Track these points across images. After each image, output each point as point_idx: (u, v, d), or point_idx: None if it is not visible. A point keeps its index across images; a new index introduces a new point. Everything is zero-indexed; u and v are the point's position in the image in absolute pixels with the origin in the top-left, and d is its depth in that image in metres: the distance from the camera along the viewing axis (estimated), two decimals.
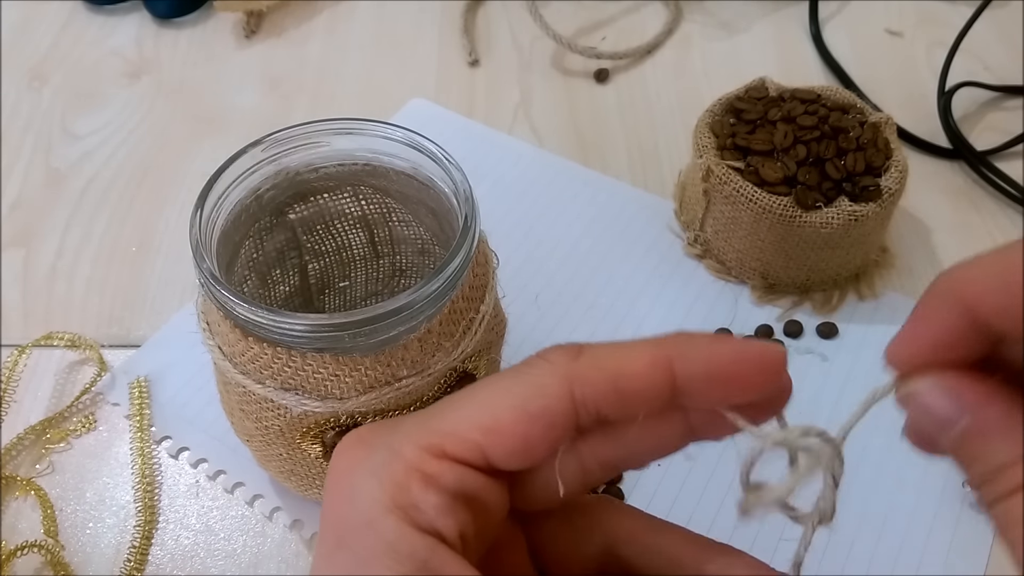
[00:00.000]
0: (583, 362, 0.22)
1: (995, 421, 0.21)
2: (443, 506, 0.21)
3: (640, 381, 0.22)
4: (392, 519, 0.21)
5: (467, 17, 0.70)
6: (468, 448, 0.22)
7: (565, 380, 0.22)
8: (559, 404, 0.22)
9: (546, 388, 0.22)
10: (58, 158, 0.61)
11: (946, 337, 0.22)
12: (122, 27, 0.71)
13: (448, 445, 0.22)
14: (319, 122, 0.38)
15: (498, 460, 0.22)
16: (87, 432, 0.47)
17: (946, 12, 0.71)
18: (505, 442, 0.22)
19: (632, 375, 0.22)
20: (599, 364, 0.22)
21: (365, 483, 0.22)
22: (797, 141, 0.49)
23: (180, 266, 0.55)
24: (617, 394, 0.22)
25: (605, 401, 0.22)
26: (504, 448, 0.22)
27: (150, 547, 0.43)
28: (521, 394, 0.22)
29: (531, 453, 0.22)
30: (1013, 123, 0.62)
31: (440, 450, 0.22)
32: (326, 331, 0.32)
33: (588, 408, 0.22)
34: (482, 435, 0.22)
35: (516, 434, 0.22)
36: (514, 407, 0.22)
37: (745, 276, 0.53)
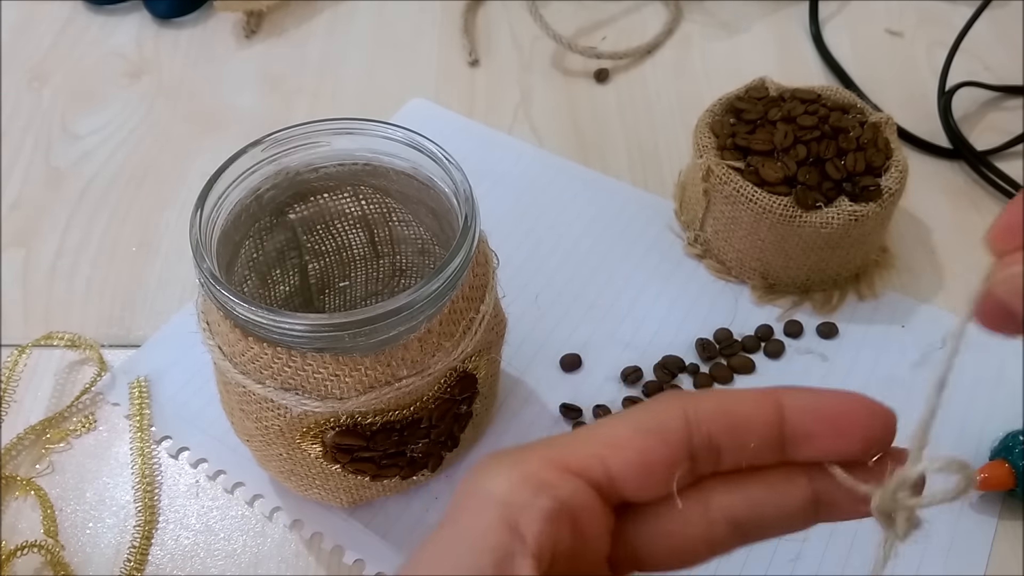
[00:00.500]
0: (697, 394, 0.24)
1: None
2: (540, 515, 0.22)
3: (748, 408, 0.23)
4: (492, 509, 0.22)
5: (467, 17, 0.70)
6: (590, 460, 0.23)
7: (679, 405, 0.24)
8: (673, 422, 0.23)
9: (661, 410, 0.24)
10: (58, 158, 0.61)
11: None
12: (122, 27, 0.71)
13: (571, 458, 0.23)
14: (319, 122, 0.38)
15: (617, 472, 0.23)
16: (87, 432, 0.47)
17: (946, 12, 0.71)
18: (624, 454, 0.23)
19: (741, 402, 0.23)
20: (712, 395, 0.24)
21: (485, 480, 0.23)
22: (797, 141, 0.49)
23: (180, 266, 0.55)
24: (727, 418, 0.23)
25: (716, 425, 0.23)
26: (623, 460, 0.23)
27: (150, 547, 0.43)
28: (639, 417, 0.24)
29: (649, 467, 0.23)
30: (1013, 123, 0.62)
31: (563, 462, 0.23)
32: (326, 331, 0.32)
33: (701, 431, 0.23)
34: (604, 448, 0.23)
35: (634, 447, 0.23)
36: (631, 425, 0.24)
37: (745, 276, 0.53)
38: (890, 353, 0.50)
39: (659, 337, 0.50)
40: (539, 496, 0.22)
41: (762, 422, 0.23)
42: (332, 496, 0.42)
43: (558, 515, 0.22)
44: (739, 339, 0.50)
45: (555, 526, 0.22)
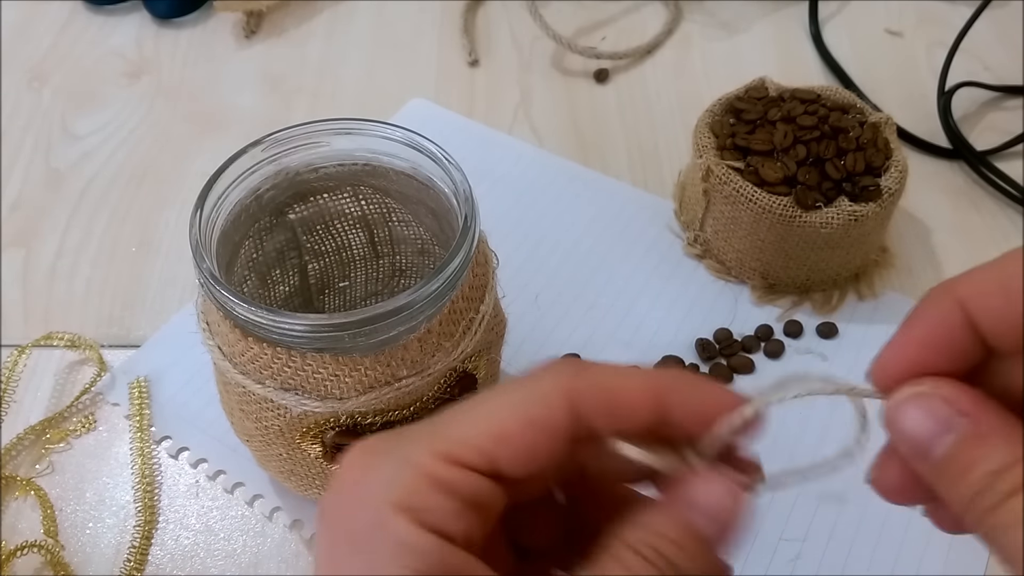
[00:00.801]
0: (585, 378, 0.24)
1: (993, 425, 0.21)
2: (456, 511, 0.22)
3: (633, 406, 0.23)
4: (403, 520, 0.21)
5: (467, 17, 0.70)
6: (480, 456, 0.23)
7: (566, 393, 0.23)
8: (560, 416, 0.23)
9: (549, 400, 0.23)
10: (58, 158, 0.61)
11: (938, 339, 0.22)
12: (122, 27, 0.71)
13: (460, 453, 0.23)
14: (319, 122, 0.38)
15: (506, 467, 0.23)
16: (87, 432, 0.47)
17: (946, 12, 0.71)
18: (513, 450, 0.23)
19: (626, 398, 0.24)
20: (599, 384, 0.24)
21: (377, 489, 0.22)
22: (797, 141, 0.49)
23: (180, 266, 0.55)
24: (610, 411, 0.23)
25: (599, 419, 0.23)
26: (512, 456, 0.23)
27: (150, 547, 0.43)
28: (527, 406, 0.23)
29: (535, 461, 0.23)
30: (1013, 123, 0.62)
31: (453, 457, 0.23)
32: (326, 331, 0.32)
33: (584, 422, 0.23)
34: (492, 443, 0.23)
35: (522, 443, 0.23)
36: (520, 417, 0.23)
37: (745, 276, 0.53)
38: None
39: (659, 337, 0.50)
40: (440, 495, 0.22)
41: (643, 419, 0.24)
42: None
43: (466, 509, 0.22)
44: (739, 339, 0.50)
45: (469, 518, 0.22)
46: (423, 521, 0.22)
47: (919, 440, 0.22)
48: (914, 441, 0.22)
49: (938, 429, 0.22)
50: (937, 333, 0.23)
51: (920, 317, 0.23)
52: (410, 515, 0.22)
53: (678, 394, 0.24)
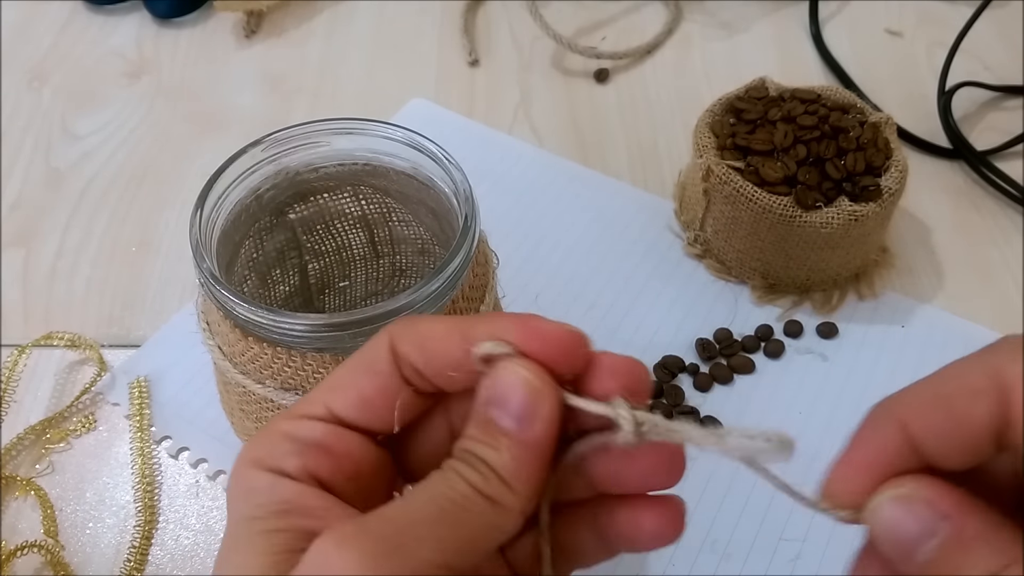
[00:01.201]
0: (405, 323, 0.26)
1: (977, 529, 0.21)
2: (290, 450, 0.24)
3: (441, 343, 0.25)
4: (249, 468, 0.24)
5: (467, 17, 0.70)
6: (317, 407, 0.25)
7: (386, 337, 0.25)
8: (380, 355, 0.25)
9: (372, 347, 0.25)
10: (58, 158, 0.61)
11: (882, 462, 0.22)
12: (122, 27, 0.71)
13: (304, 409, 0.25)
14: (319, 122, 0.38)
15: (341, 412, 0.25)
16: (87, 432, 0.47)
17: (946, 12, 0.71)
18: (343, 396, 0.25)
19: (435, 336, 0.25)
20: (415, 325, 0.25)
21: (242, 455, 0.25)
22: (797, 141, 0.49)
23: (180, 266, 0.55)
24: (423, 352, 0.25)
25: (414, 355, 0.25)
26: (343, 401, 0.25)
27: (150, 547, 0.43)
28: (356, 359, 0.26)
29: (366, 402, 0.25)
30: (1013, 123, 0.62)
31: (298, 414, 0.25)
32: (326, 331, 0.32)
33: (405, 362, 0.25)
34: (326, 394, 0.25)
35: (350, 387, 0.25)
36: (349, 367, 0.26)
37: (745, 276, 0.53)
38: (890, 353, 0.50)
39: (659, 337, 0.50)
40: (282, 442, 0.25)
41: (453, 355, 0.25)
42: None
43: (303, 449, 0.24)
44: (739, 339, 0.50)
45: (305, 457, 0.24)
46: (264, 466, 0.24)
47: (901, 543, 0.22)
48: (896, 544, 0.22)
49: (920, 532, 0.21)
50: (884, 457, 0.22)
51: (865, 439, 0.23)
52: (255, 463, 0.24)
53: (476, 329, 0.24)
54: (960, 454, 0.22)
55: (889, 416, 0.22)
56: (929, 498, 0.21)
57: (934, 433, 0.22)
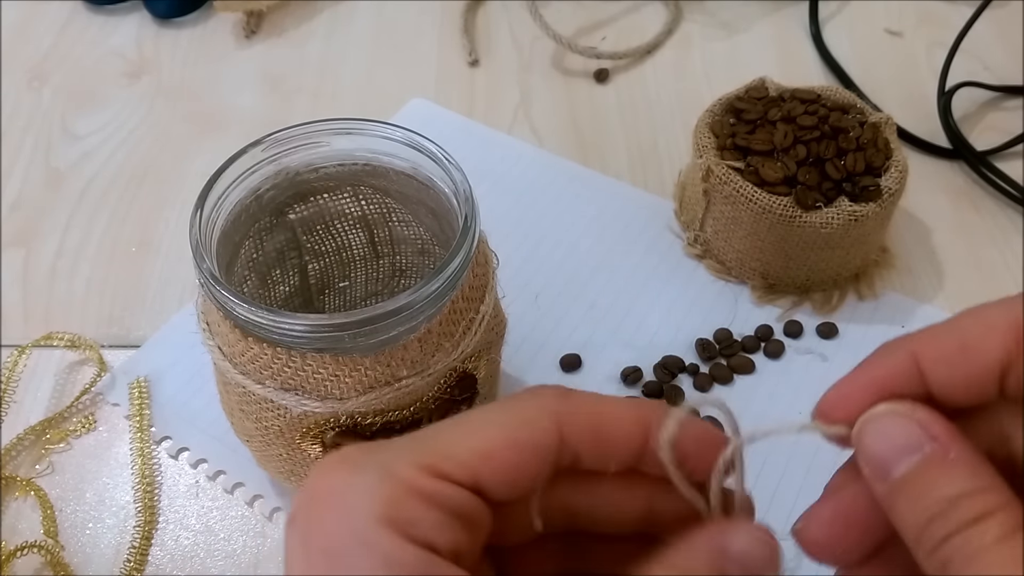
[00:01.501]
0: (572, 402, 0.23)
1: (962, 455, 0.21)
2: (441, 523, 0.21)
3: (619, 430, 0.23)
4: (388, 533, 0.21)
5: (467, 17, 0.70)
6: (464, 471, 0.22)
7: (554, 416, 0.23)
8: (546, 438, 0.23)
9: (536, 422, 0.23)
10: (58, 158, 0.61)
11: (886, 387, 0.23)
12: (122, 27, 0.71)
13: (444, 466, 0.22)
14: (319, 122, 0.38)
15: (488, 485, 0.22)
16: (87, 432, 0.47)
17: (946, 12, 0.71)
18: (497, 468, 0.22)
19: (614, 422, 0.23)
20: (585, 406, 0.23)
21: (358, 500, 0.21)
22: (797, 141, 0.49)
23: (180, 266, 0.55)
24: (596, 437, 0.23)
25: (585, 444, 0.23)
26: (495, 474, 0.22)
27: (150, 547, 0.43)
28: (512, 425, 0.23)
29: (518, 482, 0.23)
30: (1013, 123, 0.62)
31: (437, 470, 0.22)
32: (326, 331, 0.32)
33: (569, 447, 0.23)
34: (477, 460, 0.22)
35: (507, 462, 0.22)
36: (506, 436, 0.23)
37: (745, 276, 0.53)
38: None
39: (659, 337, 0.50)
40: (426, 507, 0.21)
41: (629, 447, 0.23)
42: None
43: (452, 522, 0.22)
44: (739, 339, 0.50)
45: (455, 531, 0.22)
46: (409, 534, 0.21)
47: (883, 457, 0.22)
48: (878, 457, 0.22)
49: (905, 448, 0.21)
50: (887, 381, 0.23)
51: (873, 363, 0.24)
52: (395, 528, 0.21)
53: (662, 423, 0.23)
54: (965, 387, 0.22)
55: (901, 345, 0.23)
56: (922, 419, 0.22)
57: (944, 362, 0.22)
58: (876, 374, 0.23)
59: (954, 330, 0.22)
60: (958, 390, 0.22)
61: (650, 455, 0.23)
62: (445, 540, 0.21)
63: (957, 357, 0.22)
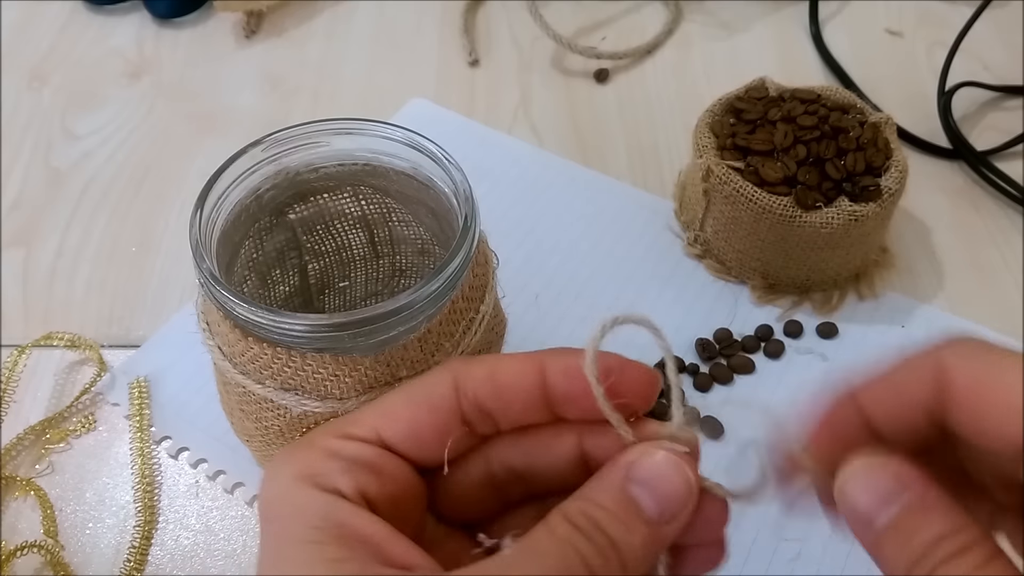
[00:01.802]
0: (469, 361, 0.26)
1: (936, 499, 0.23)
2: (341, 468, 0.24)
3: (513, 376, 0.25)
4: (299, 485, 0.24)
5: (467, 17, 0.70)
6: (365, 429, 0.25)
7: (450, 373, 0.26)
8: (441, 390, 0.26)
9: (432, 380, 0.26)
10: (58, 158, 0.61)
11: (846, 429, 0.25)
12: (122, 27, 0.71)
13: (350, 429, 0.26)
14: (319, 122, 0.38)
15: (391, 439, 0.25)
16: (87, 432, 0.47)
17: (946, 12, 0.71)
18: (395, 424, 0.25)
19: (506, 370, 0.25)
20: (481, 361, 0.26)
21: (283, 468, 0.25)
22: (797, 141, 0.49)
23: (180, 266, 0.55)
24: (492, 385, 0.25)
25: (482, 391, 0.25)
26: (395, 430, 0.25)
27: (150, 547, 0.43)
28: (412, 388, 0.26)
29: (419, 435, 0.25)
30: (1013, 123, 0.62)
31: (344, 433, 0.26)
32: (326, 331, 0.32)
33: (468, 397, 0.25)
34: (378, 419, 0.26)
35: (404, 417, 0.26)
36: (405, 399, 0.26)
37: (745, 276, 0.53)
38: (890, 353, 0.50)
39: None
40: (331, 460, 0.25)
41: (525, 387, 0.25)
42: None
43: (353, 467, 0.25)
44: (739, 339, 0.50)
45: (356, 476, 0.24)
46: (316, 483, 0.24)
47: (867, 508, 0.23)
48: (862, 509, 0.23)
49: (886, 498, 0.23)
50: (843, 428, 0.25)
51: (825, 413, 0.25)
52: (305, 480, 0.24)
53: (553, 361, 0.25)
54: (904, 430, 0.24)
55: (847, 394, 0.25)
56: (897, 469, 0.23)
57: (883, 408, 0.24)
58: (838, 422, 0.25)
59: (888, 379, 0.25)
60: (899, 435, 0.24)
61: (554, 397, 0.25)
62: (346, 484, 0.24)
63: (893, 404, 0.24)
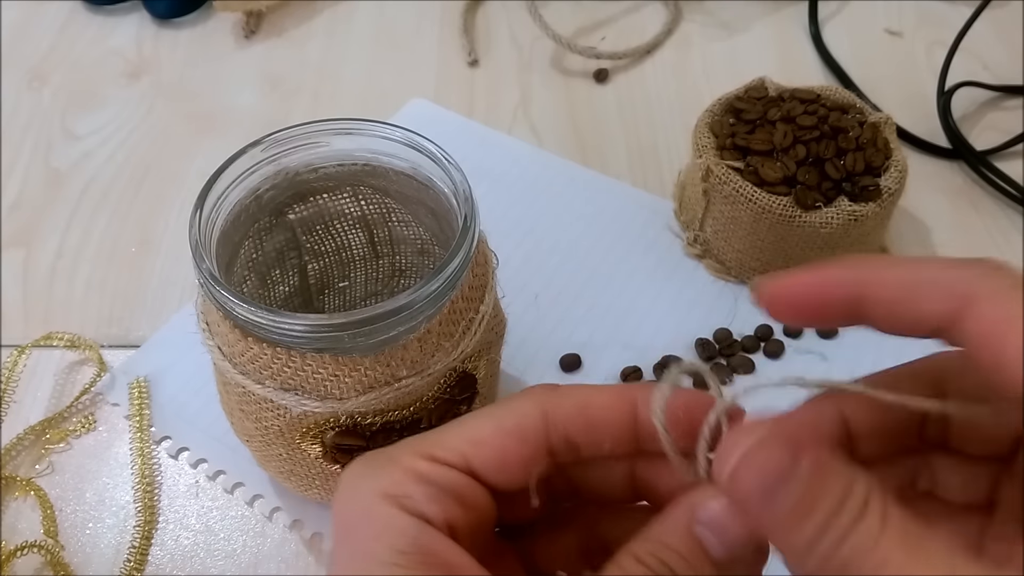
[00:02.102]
0: (558, 391, 0.26)
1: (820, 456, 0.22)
2: (432, 496, 0.24)
3: (605, 411, 0.25)
4: (385, 504, 0.24)
5: (467, 17, 0.70)
6: (455, 455, 0.25)
7: (539, 404, 0.26)
8: (532, 422, 0.25)
9: (523, 410, 0.26)
10: (58, 158, 0.61)
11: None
12: (122, 27, 0.71)
13: (438, 452, 0.25)
14: (319, 122, 0.38)
15: (479, 467, 0.25)
16: (87, 432, 0.47)
17: (946, 12, 0.71)
18: (484, 452, 0.25)
19: (599, 405, 0.25)
20: (571, 393, 0.26)
21: (367, 484, 0.25)
22: (797, 141, 0.49)
23: (180, 266, 0.55)
24: (584, 419, 0.25)
25: (573, 425, 0.25)
26: (483, 457, 0.25)
27: (150, 547, 0.43)
28: (501, 416, 0.26)
29: (507, 464, 0.25)
30: (1013, 123, 0.62)
31: (432, 456, 0.25)
32: (326, 331, 0.32)
33: (558, 429, 0.25)
34: (467, 446, 0.25)
35: (494, 446, 0.25)
36: (495, 426, 0.26)
37: (745, 276, 0.53)
38: (890, 353, 0.50)
39: (659, 337, 0.50)
40: (419, 484, 0.24)
41: (617, 423, 0.25)
42: (332, 496, 0.42)
43: (442, 495, 0.24)
44: (739, 339, 0.50)
45: (445, 504, 0.24)
46: (404, 506, 0.24)
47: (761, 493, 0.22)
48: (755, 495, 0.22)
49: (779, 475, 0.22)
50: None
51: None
52: (391, 501, 0.24)
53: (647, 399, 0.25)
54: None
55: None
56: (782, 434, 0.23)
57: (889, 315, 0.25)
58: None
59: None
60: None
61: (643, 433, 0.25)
62: (436, 512, 0.24)
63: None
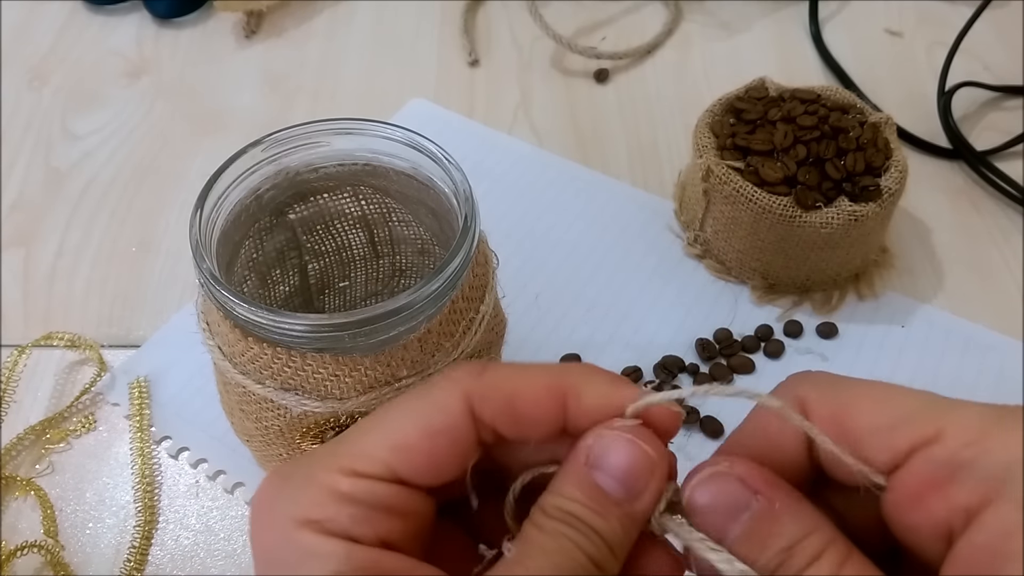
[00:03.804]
0: (483, 381, 0.24)
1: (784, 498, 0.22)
2: (359, 516, 0.22)
3: (533, 407, 0.24)
4: (306, 532, 0.22)
5: (467, 17, 0.70)
6: (378, 466, 0.23)
7: (465, 399, 0.24)
8: (460, 421, 0.23)
9: (448, 407, 0.24)
10: (58, 158, 0.61)
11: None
12: (122, 27, 0.71)
13: (359, 465, 0.23)
14: (319, 122, 0.38)
15: (408, 476, 0.23)
16: (87, 432, 0.47)
17: (946, 12, 0.71)
18: (413, 459, 0.23)
19: (527, 399, 0.24)
20: (498, 385, 0.24)
21: (282, 507, 0.23)
22: (797, 141, 0.49)
23: (180, 266, 0.55)
24: (512, 416, 0.24)
25: (501, 421, 0.24)
26: (412, 465, 0.23)
27: (150, 547, 0.43)
28: (425, 414, 0.24)
29: (439, 468, 0.24)
30: (1013, 123, 0.62)
31: (353, 470, 0.23)
32: (326, 331, 0.32)
33: (486, 426, 0.24)
34: (391, 454, 0.23)
35: (422, 451, 0.23)
36: (418, 427, 0.23)
37: (745, 276, 0.53)
38: (890, 353, 0.50)
39: (659, 337, 0.50)
40: (343, 504, 0.22)
41: (546, 419, 0.24)
42: None
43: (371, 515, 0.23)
44: (739, 339, 0.50)
45: (376, 524, 0.23)
46: (326, 530, 0.22)
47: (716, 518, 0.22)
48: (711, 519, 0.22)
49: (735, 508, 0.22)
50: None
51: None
52: (313, 527, 0.22)
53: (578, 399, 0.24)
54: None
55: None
56: (742, 473, 0.22)
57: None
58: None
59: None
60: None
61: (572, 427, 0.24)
62: (365, 532, 0.22)
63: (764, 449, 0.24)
